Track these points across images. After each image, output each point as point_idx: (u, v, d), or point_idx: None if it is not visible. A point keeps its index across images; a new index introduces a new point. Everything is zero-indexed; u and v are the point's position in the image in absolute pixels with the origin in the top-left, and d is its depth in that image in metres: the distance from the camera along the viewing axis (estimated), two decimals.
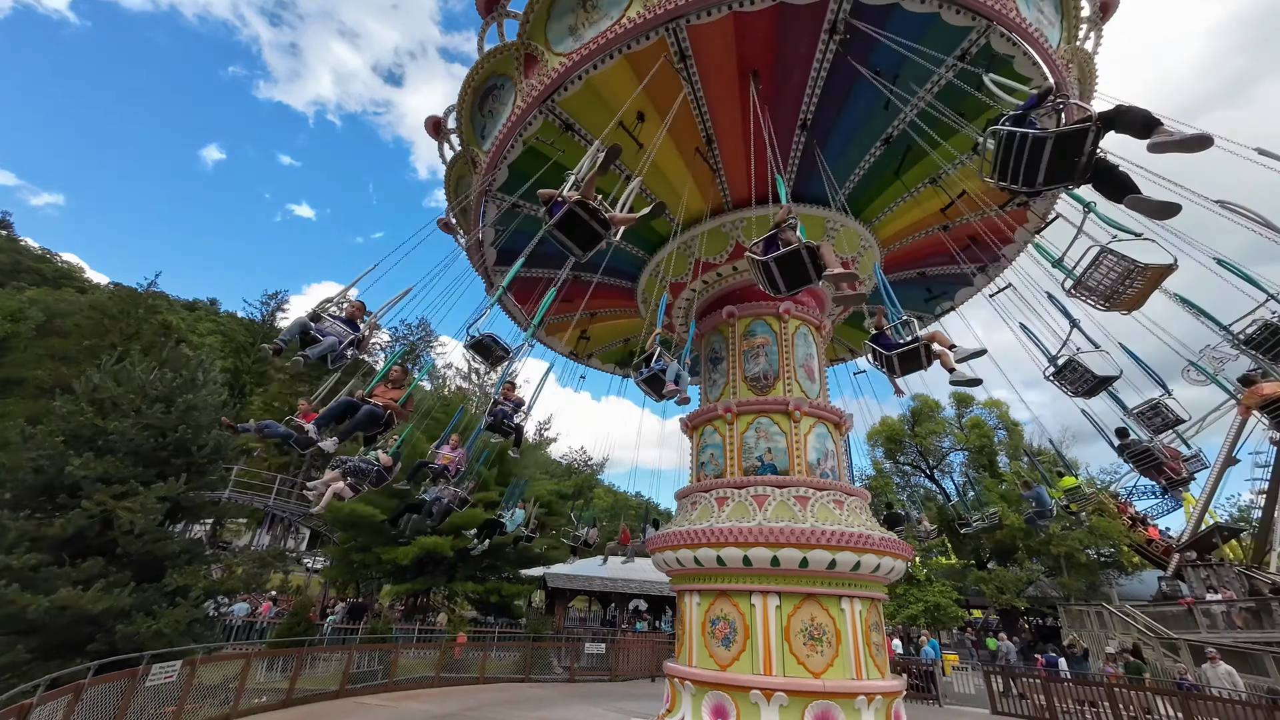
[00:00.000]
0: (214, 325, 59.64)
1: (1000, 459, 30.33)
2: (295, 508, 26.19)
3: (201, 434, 12.22)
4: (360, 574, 21.40)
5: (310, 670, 11.69)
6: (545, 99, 8.28)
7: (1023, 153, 4.08)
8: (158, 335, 31.60)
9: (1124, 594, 25.31)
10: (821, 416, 9.64)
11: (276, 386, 35.94)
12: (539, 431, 36.01)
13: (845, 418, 10.00)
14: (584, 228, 5.26)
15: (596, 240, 5.39)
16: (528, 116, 8.51)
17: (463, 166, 10.41)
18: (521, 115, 8.51)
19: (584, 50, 7.79)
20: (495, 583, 20.54)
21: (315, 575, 27.96)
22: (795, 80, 8.15)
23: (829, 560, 7.81)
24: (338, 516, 19.18)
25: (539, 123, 8.56)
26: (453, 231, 10.90)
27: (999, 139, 4.22)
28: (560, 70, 8.00)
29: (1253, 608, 18.00)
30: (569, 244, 5.37)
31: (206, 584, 11.22)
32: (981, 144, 4.56)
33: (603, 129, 7.94)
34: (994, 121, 4.38)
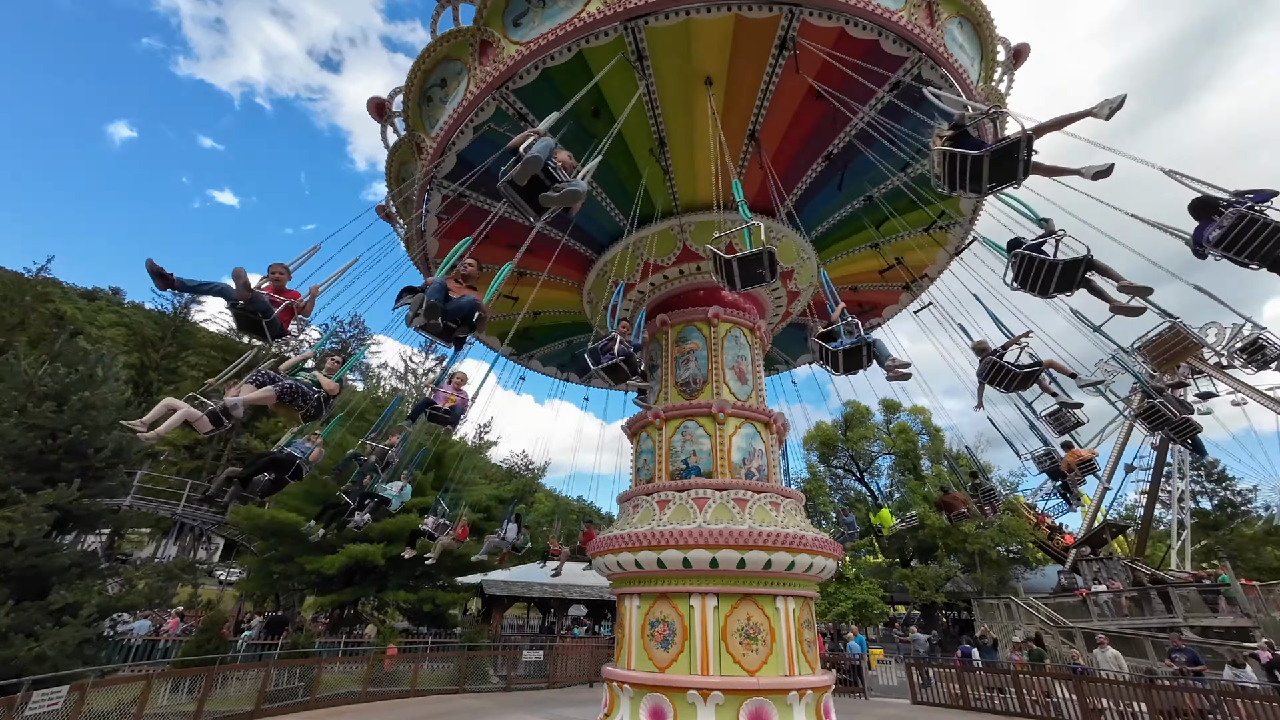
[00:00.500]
0: (116, 317, 54.33)
1: (924, 463, 32.25)
2: (208, 515, 24.25)
3: (99, 435, 11.10)
4: (281, 586, 20.07)
5: (221, 690, 10.85)
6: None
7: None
8: (49, 326, 28.55)
9: (1029, 587, 27.50)
10: (749, 417, 9.91)
11: (189, 384, 33.20)
12: (478, 435, 35.12)
13: (775, 417, 10.26)
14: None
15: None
16: (480, 102, 8.34)
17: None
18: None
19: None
20: (429, 591, 19.79)
21: (229, 588, 25.98)
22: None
23: (765, 560, 8.05)
24: (257, 524, 17.96)
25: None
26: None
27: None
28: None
29: (1135, 597, 19.98)
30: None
31: (101, 600, 10.17)
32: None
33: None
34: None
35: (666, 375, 10.61)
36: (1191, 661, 11.91)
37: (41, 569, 9.85)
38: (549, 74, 7.99)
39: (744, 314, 10.85)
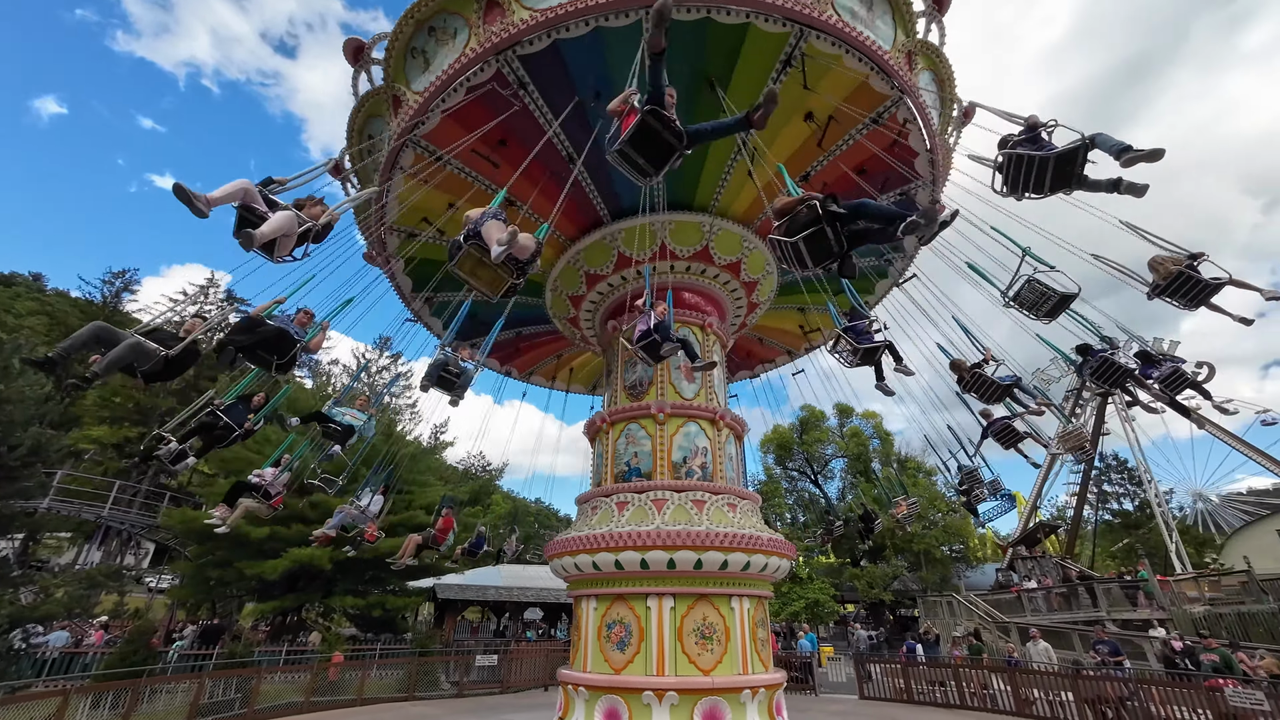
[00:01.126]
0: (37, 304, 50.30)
1: (874, 465, 33.39)
2: (137, 518, 22.79)
3: (14, 431, 10.28)
4: (218, 592, 19.06)
5: (149, 705, 10.21)
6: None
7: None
8: None
9: (970, 585, 28.84)
10: (692, 415, 10.01)
11: (119, 379, 31.08)
12: (434, 435, 34.31)
13: (723, 414, 10.32)
14: None
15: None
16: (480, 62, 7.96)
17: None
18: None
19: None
20: (379, 596, 19.19)
21: (160, 596, 24.43)
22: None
23: (721, 561, 8.17)
24: (192, 528, 16.99)
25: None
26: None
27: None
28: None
29: (1064, 593, 21.23)
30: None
31: (13, 610, 9.42)
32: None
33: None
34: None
35: (617, 379, 10.66)
36: (1113, 653, 12.75)
37: None
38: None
39: (693, 313, 10.94)
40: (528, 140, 8.65)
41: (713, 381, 10.86)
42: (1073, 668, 12.45)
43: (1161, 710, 9.93)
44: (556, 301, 11.80)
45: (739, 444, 11.01)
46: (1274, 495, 32.46)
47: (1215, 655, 10.40)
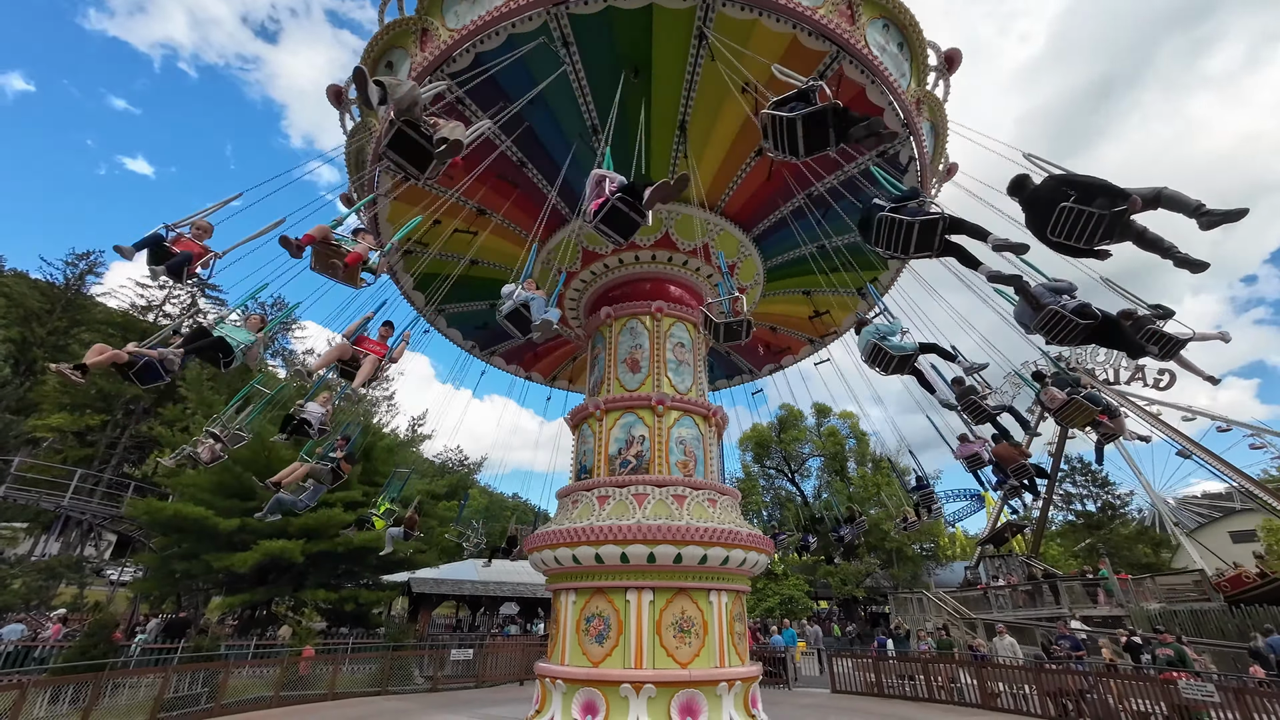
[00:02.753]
0: None
1: (850, 465, 33.95)
2: (99, 508, 22.04)
3: None
4: (183, 585, 18.55)
5: (111, 699, 9.91)
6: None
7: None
8: None
9: (939, 582, 29.57)
10: (688, 410, 10.13)
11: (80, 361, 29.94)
12: (412, 428, 33.85)
13: (715, 411, 10.50)
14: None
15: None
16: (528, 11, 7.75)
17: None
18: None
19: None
20: (352, 590, 18.87)
21: (122, 589, 23.70)
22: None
23: (701, 555, 8.24)
24: (158, 518, 16.49)
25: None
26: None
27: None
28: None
29: (1029, 590, 21.90)
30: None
31: None
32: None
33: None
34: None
35: (610, 367, 10.65)
36: (1074, 647, 13.19)
37: None
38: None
39: (689, 309, 11.03)
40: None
41: (703, 377, 11.02)
42: (1036, 662, 12.86)
43: (1120, 704, 10.32)
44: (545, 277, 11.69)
45: (719, 439, 11.13)
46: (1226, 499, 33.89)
47: (1170, 650, 10.84)
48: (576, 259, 10.90)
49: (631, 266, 10.99)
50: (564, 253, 10.72)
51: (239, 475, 16.79)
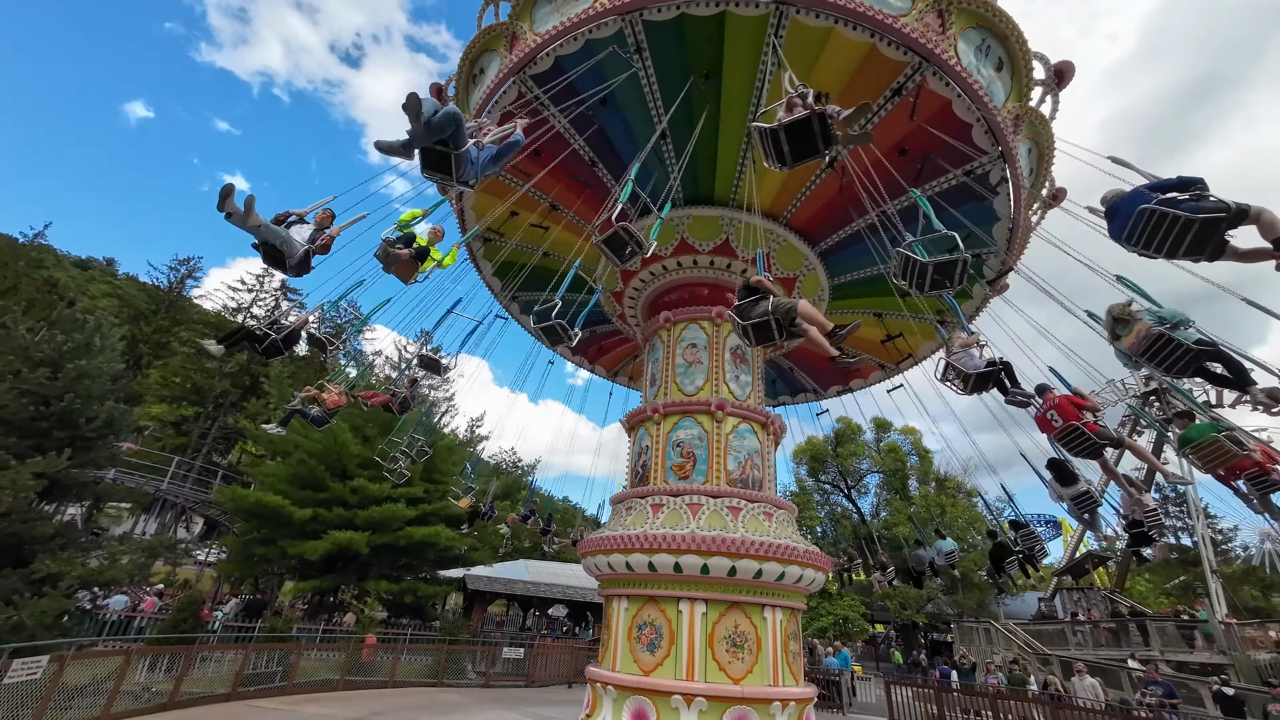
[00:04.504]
0: (109, 288, 53.72)
1: (912, 483, 32.42)
2: (191, 493, 24.01)
3: (92, 405, 11.00)
4: (261, 569, 19.87)
5: (199, 670, 10.72)
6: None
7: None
8: (40, 292, 28.23)
9: (1009, 613, 27.67)
10: (746, 417, 10.00)
11: (179, 360, 32.83)
12: (470, 429, 34.99)
13: (773, 419, 10.35)
14: None
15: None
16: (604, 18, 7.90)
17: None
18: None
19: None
20: (411, 583, 19.67)
21: (208, 569, 25.67)
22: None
23: (756, 569, 8.09)
24: (241, 505, 17.77)
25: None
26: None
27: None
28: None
29: (1113, 628, 20.16)
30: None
31: (82, 573, 10.06)
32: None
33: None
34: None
35: (668, 370, 10.67)
36: (1168, 695, 12.03)
37: (23, 537, 9.73)
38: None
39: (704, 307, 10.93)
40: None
41: (760, 385, 10.89)
42: (1121, 706, 11.80)
43: None
44: (605, 300, 12.01)
45: (775, 446, 10.94)
46: None
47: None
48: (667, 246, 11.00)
49: (690, 270, 11.00)
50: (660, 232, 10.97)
51: (312, 468, 17.90)
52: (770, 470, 10.15)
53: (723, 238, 10.49)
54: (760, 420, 10.10)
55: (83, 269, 61.67)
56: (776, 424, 10.41)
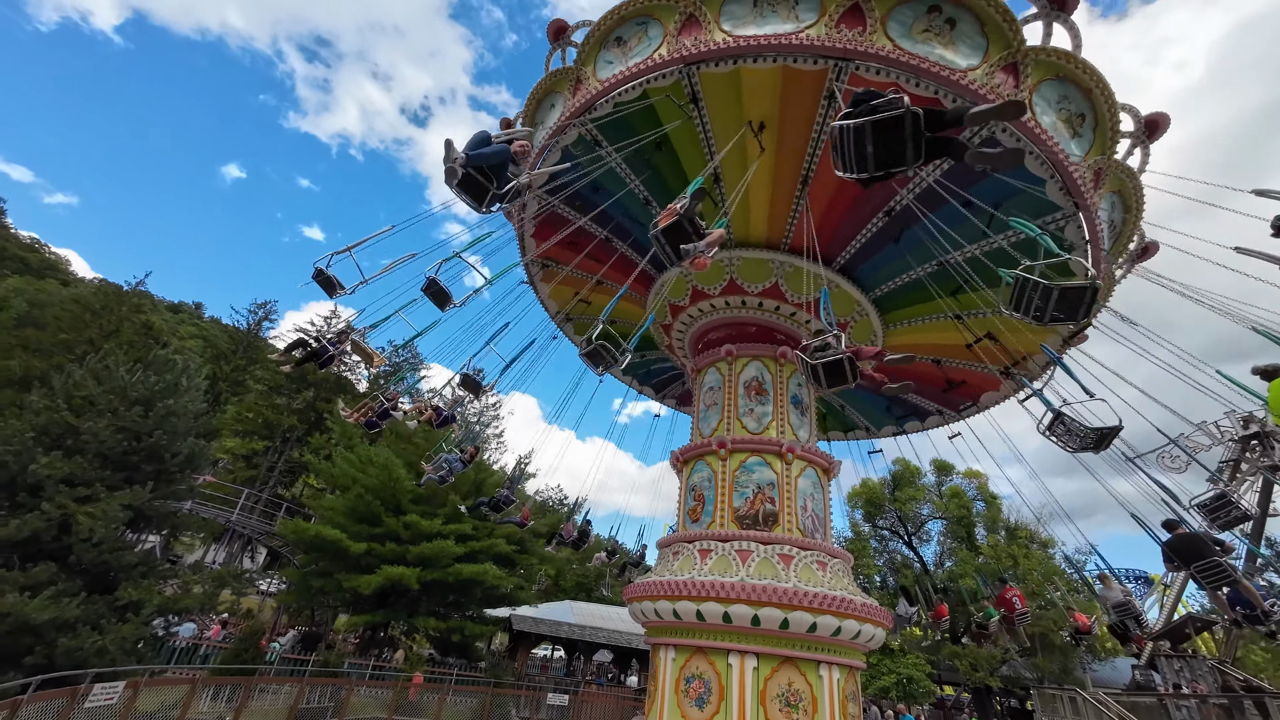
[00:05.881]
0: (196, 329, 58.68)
1: (979, 531, 30.31)
2: (258, 525, 25.21)
3: (177, 440, 11.87)
4: (318, 601, 20.46)
5: (257, 701, 11.03)
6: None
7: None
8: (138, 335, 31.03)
9: (1097, 680, 24.96)
10: (812, 461, 9.77)
11: (254, 397, 35.14)
12: (519, 466, 35.45)
13: (835, 464, 10.10)
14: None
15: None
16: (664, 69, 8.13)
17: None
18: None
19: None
20: (459, 621, 19.73)
21: (269, 599, 26.66)
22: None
23: (810, 623, 7.71)
24: (303, 537, 18.50)
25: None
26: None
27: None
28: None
29: (1225, 705, 17.82)
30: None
31: (161, 600, 10.66)
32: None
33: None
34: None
35: (730, 405, 10.52)
36: None
37: (112, 565, 10.44)
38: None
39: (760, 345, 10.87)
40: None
41: (815, 428, 10.68)
42: None
43: None
44: (655, 330, 12.19)
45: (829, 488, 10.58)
46: None
47: None
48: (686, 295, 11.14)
49: (738, 310, 11.02)
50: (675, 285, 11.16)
51: (369, 503, 18.51)
52: (828, 514, 9.84)
53: (772, 281, 10.48)
54: (823, 465, 9.88)
55: (174, 312, 67.69)
56: (836, 469, 10.13)
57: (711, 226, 5.89)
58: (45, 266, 55.54)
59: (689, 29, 8.14)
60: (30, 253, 58.23)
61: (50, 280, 46.71)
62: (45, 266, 55.54)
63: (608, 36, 9.04)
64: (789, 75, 7.73)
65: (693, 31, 8.10)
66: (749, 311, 10.92)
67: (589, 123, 9.10)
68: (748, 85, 8.02)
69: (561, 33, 9.74)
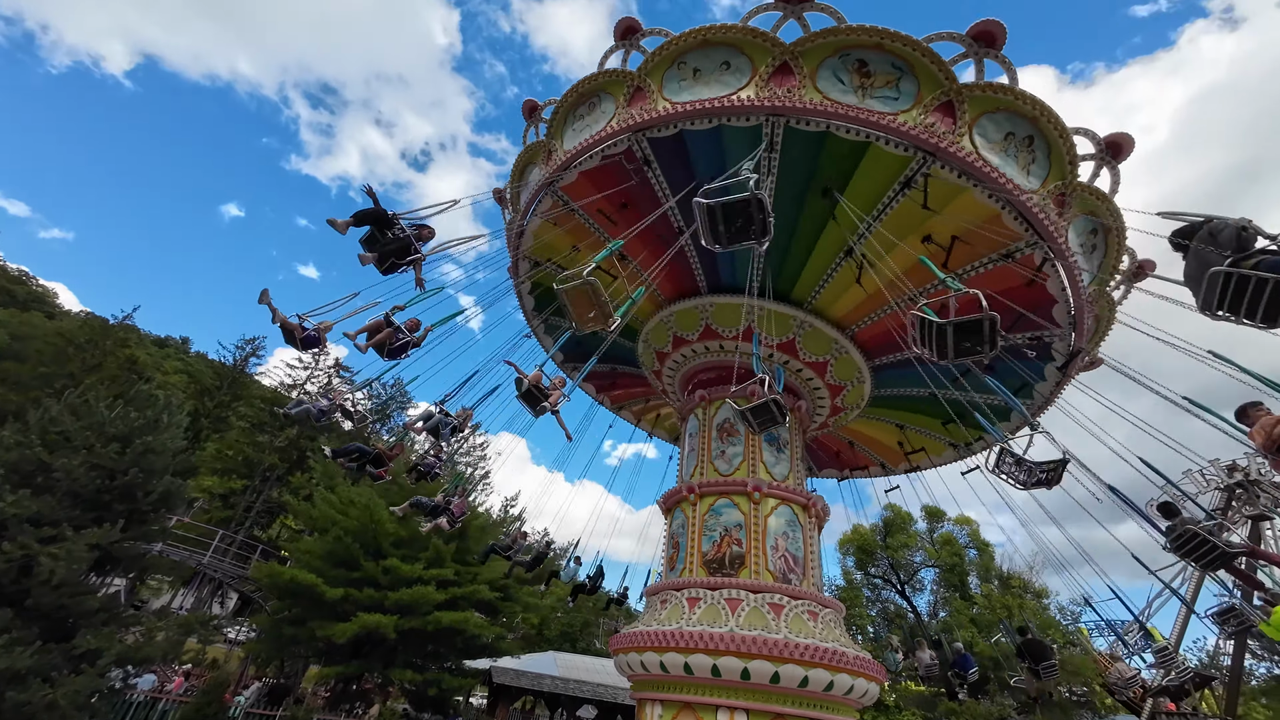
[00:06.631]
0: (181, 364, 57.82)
1: (972, 579, 29.84)
2: (230, 568, 24.21)
3: (153, 479, 11.53)
4: (288, 651, 19.48)
5: None
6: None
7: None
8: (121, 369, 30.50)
9: None
10: (785, 498, 9.63)
11: (235, 434, 34.34)
12: (504, 508, 34.69)
13: (815, 500, 9.93)
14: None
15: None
16: (616, 137, 8.70)
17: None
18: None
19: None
20: (436, 673, 18.82)
21: (237, 648, 25.33)
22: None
23: (801, 677, 7.46)
24: (277, 582, 17.77)
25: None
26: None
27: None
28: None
29: None
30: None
31: (120, 650, 10.09)
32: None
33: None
34: None
35: (704, 449, 10.55)
36: None
37: (72, 611, 9.93)
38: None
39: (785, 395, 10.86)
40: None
41: (800, 466, 10.62)
42: None
43: None
44: (645, 353, 12.27)
45: (819, 529, 10.42)
46: None
47: None
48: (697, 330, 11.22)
49: (717, 355, 11.16)
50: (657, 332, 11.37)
51: (348, 545, 17.92)
52: (814, 557, 9.62)
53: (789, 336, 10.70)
54: (801, 502, 9.73)
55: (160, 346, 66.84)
56: (819, 505, 9.98)
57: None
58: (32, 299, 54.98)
59: (637, 100, 8.71)
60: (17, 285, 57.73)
61: (35, 313, 46.18)
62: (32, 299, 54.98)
63: (571, 111, 9.72)
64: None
65: (639, 102, 8.66)
66: (727, 355, 11.02)
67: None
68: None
69: (534, 111, 10.57)
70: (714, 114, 8.05)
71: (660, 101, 8.46)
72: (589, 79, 9.27)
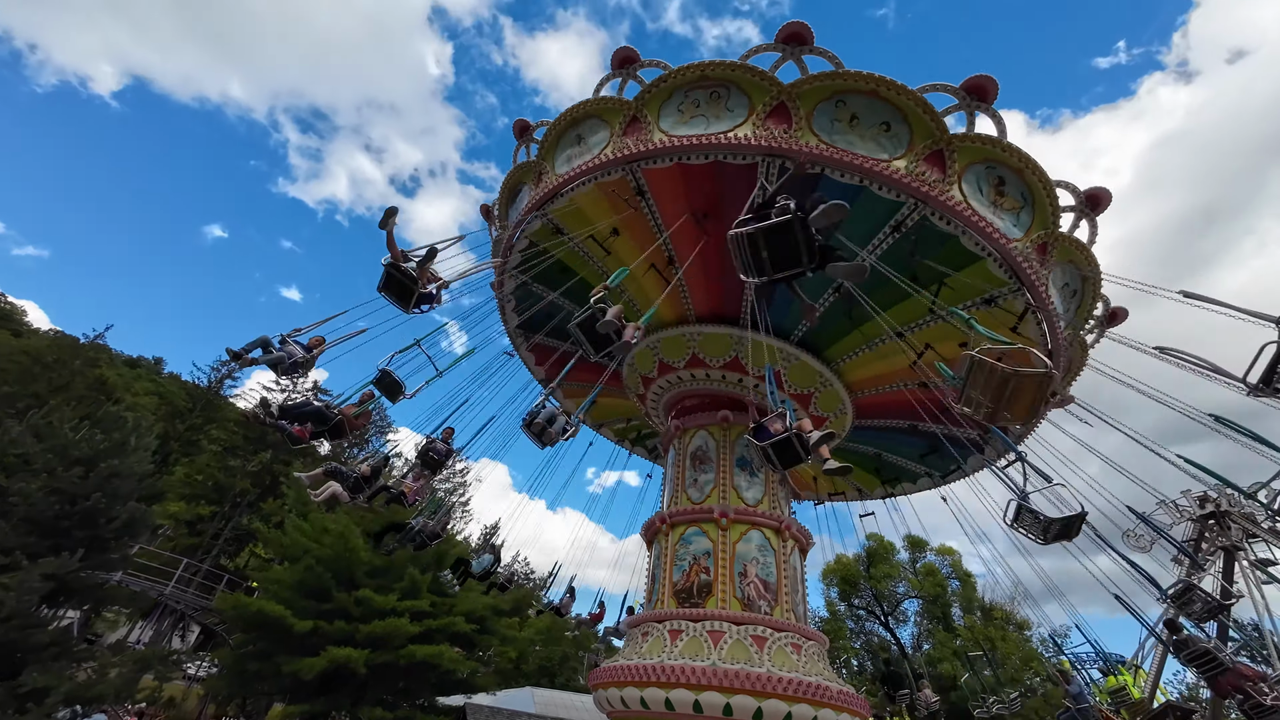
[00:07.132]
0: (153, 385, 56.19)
1: (954, 611, 29.73)
2: (193, 599, 23.18)
3: (116, 504, 11.09)
4: (251, 688, 18.56)
5: None
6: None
7: None
8: (90, 389, 29.55)
9: None
10: (756, 523, 9.58)
11: (206, 458, 33.22)
12: (483, 537, 33.93)
13: (788, 524, 9.78)
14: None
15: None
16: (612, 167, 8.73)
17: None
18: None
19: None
20: (408, 711, 18.04)
21: (196, 685, 24.04)
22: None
23: (784, 713, 7.32)
24: (243, 614, 17.03)
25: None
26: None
27: None
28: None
29: None
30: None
31: (70, 688, 9.52)
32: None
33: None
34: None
35: (679, 479, 10.53)
36: None
37: (19, 645, 9.39)
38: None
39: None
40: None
41: (778, 490, 10.50)
42: None
43: None
44: (631, 376, 12.21)
45: (803, 561, 10.31)
46: None
47: None
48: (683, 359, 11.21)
49: (703, 383, 11.20)
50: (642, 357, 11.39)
51: (320, 575, 17.31)
52: (792, 583, 9.45)
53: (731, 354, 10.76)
54: (772, 526, 9.61)
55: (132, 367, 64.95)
56: (792, 529, 9.85)
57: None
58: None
59: (632, 129, 8.77)
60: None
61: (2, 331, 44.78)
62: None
63: (564, 135, 9.77)
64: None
65: (635, 132, 8.71)
66: (713, 384, 11.09)
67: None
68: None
69: (525, 130, 10.55)
70: (710, 150, 8.14)
71: (656, 133, 8.52)
72: (585, 104, 9.29)
